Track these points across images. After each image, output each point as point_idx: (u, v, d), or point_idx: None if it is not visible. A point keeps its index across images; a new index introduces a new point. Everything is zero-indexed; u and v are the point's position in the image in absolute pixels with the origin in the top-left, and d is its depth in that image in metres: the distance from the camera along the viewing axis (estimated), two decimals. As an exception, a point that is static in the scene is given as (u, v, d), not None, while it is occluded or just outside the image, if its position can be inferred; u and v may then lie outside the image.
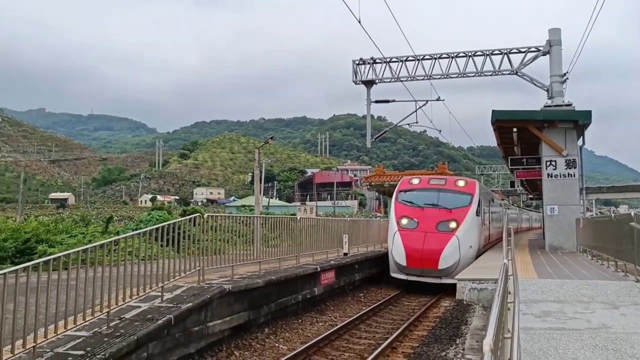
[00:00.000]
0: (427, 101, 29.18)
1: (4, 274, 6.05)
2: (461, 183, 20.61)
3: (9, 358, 6.01)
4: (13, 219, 38.40)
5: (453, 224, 18.85)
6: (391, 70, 27.63)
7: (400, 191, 21.07)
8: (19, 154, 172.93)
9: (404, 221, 19.52)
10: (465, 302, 11.72)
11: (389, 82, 27.99)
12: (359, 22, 19.39)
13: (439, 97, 29.19)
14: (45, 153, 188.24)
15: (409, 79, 27.30)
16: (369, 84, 28.17)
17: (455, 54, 26.58)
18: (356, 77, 28.13)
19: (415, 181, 21.19)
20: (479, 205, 19.93)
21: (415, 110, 29.19)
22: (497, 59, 25.69)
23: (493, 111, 20.61)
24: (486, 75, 26.31)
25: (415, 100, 28.98)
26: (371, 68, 27.97)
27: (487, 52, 25.96)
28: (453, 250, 18.32)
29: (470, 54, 26.28)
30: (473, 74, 26.31)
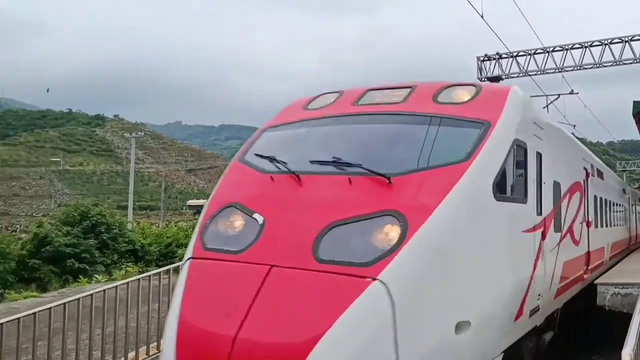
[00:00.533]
0: (559, 95, 27.76)
1: (149, 276, 6.58)
2: (461, 93, 6.67)
3: (155, 354, 6.51)
4: (156, 225, 41.58)
5: (391, 233, 4.82)
6: (518, 65, 26.72)
7: (266, 129, 7.38)
8: (159, 164, 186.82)
9: (216, 226, 6.08)
10: (607, 308, 10.92)
11: (517, 77, 27.07)
12: (482, 17, 18.90)
13: (572, 90, 27.68)
14: (182, 163, 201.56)
15: (538, 72, 26.26)
16: (495, 80, 27.29)
17: (589, 43, 25.15)
18: (481, 74, 27.50)
19: (327, 99, 7.47)
20: (525, 160, 6.87)
21: (547, 105, 27.73)
22: (638, 45, 23.91)
23: (634, 102, 19.23)
24: (626, 64, 24.61)
25: (546, 95, 27.61)
26: (497, 63, 27.17)
27: (627, 39, 24.24)
28: (360, 342, 4.31)
29: (606, 42, 24.72)
30: (610, 64, 24.69)
